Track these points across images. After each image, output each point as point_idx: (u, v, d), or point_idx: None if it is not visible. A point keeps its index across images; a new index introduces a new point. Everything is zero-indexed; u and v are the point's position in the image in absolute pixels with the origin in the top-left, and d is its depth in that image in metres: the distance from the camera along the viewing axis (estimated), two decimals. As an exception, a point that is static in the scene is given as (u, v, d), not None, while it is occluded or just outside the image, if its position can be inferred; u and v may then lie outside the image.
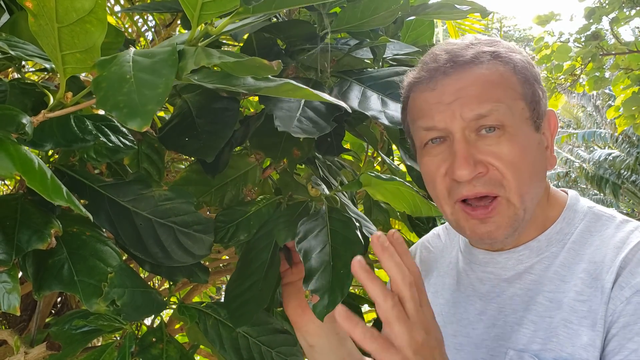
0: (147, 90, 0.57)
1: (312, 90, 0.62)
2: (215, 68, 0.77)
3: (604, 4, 5.11)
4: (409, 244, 1.44)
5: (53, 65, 0.69)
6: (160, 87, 0.58)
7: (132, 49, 0.64)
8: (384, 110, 0.91)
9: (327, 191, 0.99)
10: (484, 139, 0.71)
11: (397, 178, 0.89)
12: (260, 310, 0.89)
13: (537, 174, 0.74)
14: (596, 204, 0.81)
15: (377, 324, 1.17)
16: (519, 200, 0.72)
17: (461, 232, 0.78)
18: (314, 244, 0.84)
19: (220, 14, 0.67)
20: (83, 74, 0.78)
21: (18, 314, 0.66)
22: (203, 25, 0.70)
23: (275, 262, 0.93)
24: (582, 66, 5.49)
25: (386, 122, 0.89)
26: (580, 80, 5.83)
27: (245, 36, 1.07)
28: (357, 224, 1.01)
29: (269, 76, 0.64)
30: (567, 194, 0.82)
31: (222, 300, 1.05)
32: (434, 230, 0.98)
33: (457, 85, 0.72)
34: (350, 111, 0.74)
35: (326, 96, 0.63)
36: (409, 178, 1.49)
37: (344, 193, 1.07)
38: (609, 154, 11.32)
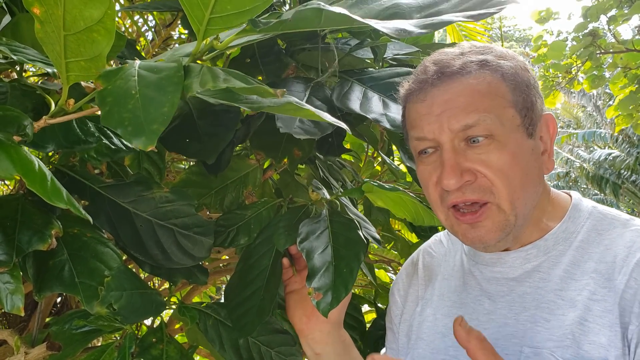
0: (152, 108, 0.56)
1: (313, 109, 0.63)
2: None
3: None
4: (409, 244, 1.45)
5: (55, 70, 0.68)
6: (165, 106, 0.57)
7: (137, 62, 0.63)
8: (385, 112, 0.91)
9: (327, 195, 0.99)
10: (473, 148, 0.73)
11: (400, 188, 0.89)
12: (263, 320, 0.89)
13: (530, 179, 0.75)
14: (598, 204, 0.82)
15: (376, 324, 1.17)
16: (510, 207, 0.73)
17: (456, 236, 0.79)
18: (316, 245, 0.84)
19: (227, 29, 0.67)
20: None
21: (22, 314, 0.66)
22: (208, 39, 0.69)
23: (277, 270, 0.93)
24: (579, 64, 5.49)
25: (388, 126, 0.89)
26: (579, 78, 5.83)
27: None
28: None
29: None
30: (570, 195, 0.83)
31: (222, 300, 1.05)
32: (435, 236, 0.98)
33: (445, 96, 0.74)
34: (349, 132, 0.75)
35: (327, 116, 0.64)
36: (409, 178, 1.49)
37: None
38: (609, 154, 11.29)
